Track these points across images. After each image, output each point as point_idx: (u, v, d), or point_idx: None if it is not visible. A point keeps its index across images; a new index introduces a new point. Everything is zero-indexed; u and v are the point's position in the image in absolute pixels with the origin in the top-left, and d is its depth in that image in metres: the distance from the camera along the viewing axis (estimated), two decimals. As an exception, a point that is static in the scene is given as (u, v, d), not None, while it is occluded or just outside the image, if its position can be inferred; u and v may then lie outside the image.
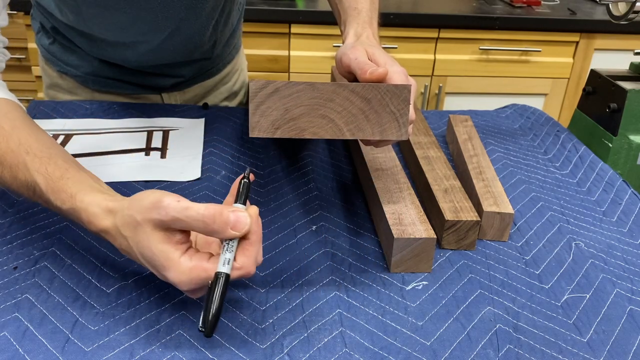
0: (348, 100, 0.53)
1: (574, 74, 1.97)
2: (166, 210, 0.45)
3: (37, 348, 0.49)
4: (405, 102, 0.54)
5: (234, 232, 0.45)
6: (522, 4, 1.95)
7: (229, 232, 0.45)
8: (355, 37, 0.70)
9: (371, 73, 0.58)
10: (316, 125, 0.54)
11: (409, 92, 0.55)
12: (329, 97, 0.53)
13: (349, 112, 0.54)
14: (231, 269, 0.46)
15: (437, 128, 0.99)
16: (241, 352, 0.50)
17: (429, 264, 0.61)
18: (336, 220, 0.70)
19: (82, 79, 0.98)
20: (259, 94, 0.52)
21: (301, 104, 0.53)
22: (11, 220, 0.67)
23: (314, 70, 1.90)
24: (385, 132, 0.55)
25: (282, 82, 0.53)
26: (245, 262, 0.47)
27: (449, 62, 1.91)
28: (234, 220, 0.45)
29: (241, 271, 0.46)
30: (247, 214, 0.46)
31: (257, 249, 0.47)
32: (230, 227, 0.45)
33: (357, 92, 0.53)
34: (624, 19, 0.88)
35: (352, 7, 0.74)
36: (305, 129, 0.54)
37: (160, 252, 0.46)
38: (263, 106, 0.53)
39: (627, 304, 0.58)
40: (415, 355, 0.51)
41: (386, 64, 0.61)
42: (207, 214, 0.45)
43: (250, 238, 0.47)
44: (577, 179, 0.83)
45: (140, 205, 0.47)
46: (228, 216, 0.45)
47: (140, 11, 0.83)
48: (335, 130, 0.54)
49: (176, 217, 0.45)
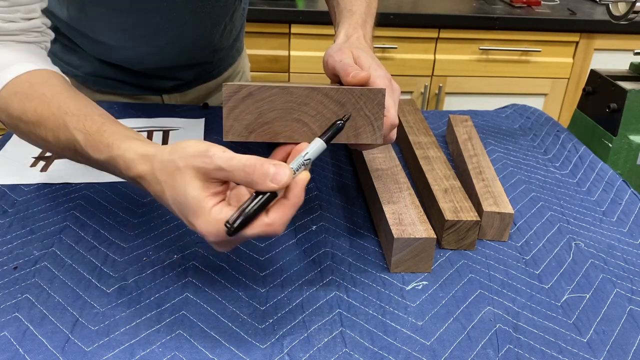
0: (322, 104, 0.53)
1: (574, 74, 1.97)
2: (212, 159, 0.45)
3: (37, 348, 0.49)
4: (380, 106, 0.54)
5: (272, 184, 0.45)
6: (522, 4, 1.95)
7: (267, 183, 0.45)
8: (345, 37, 0.69)
9: (353, 77, 0.58)
10: (290, 129, 0.54)
11: (383, 96, 0.54)
12: (302, 101, 0.53)
13: (323, 116, 0.54)
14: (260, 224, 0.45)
15: (437, 128, 0.99)
16: (241, 352, 0.50)
17: (429, 264, 0.61)
18: (336, 220, 0.70)
19: (83, 79, 0.98)
20: (232, 98, 0.52)
21: (275, 107, 0.53)
22: (11, 220, 0.67)
23: (314, 70, 1.90)
24: (360, 136, 0.55)
25: (255, 86, 0.52)
26: (277, 220, 0.46)
27: (449, 62, 1.91)
28: (274, 173, 0.45)
29: (270, 228, 0.46)
30: (289, 170, 0.46)
31: (292, 212, 0.47)
32: (270, 179, 0.45)
33: (331, 96, 0.53)
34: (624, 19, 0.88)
35: (347, 8, 0.74)
36: (279, 132, 0.53)
37: (193, 199, 0.46)
38: (237, 110, 0.52)
39: (627, 304, 0.58)
40: (415, 355, 0.51)
41: (370, 68, 0.60)
42: (248, 163, 0.45)
43: (290, 199, 0.46)
44: (577, 179, 0.83)
45: (184, 152, 0.47)
46: (268, 168, 0.45)
47: (144, 13, 0.83)
48: (310, 134, 0.54)
49: (220, 165, 0.45)
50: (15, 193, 0.72)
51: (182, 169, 0.46)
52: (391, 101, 0.58)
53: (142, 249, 0.63)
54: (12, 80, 0.59)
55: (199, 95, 1.07)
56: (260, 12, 1.78)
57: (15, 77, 0.59)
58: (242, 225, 0.45)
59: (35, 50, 0.65)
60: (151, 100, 1.03)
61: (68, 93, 0.59)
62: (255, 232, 0.46)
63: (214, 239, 0.46)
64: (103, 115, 0.57)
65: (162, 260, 0.61)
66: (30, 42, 0.65)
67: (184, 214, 0.47)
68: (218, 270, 0.60)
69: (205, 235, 0.46)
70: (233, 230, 0.44)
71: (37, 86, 0.59)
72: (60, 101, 0.58)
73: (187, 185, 0.46)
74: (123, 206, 0.70)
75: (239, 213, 0.45)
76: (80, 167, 0.78)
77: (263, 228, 0.46)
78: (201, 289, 0.57)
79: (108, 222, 0.67)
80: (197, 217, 0.46)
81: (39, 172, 0.77)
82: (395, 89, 0.61)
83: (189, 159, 0.46)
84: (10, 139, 0.85)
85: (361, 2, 0.75)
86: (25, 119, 0.59)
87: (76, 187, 0.74)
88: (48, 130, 0.57)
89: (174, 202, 0.48)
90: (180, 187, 0.46)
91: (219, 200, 0.47)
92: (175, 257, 0.62)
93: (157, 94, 1.03)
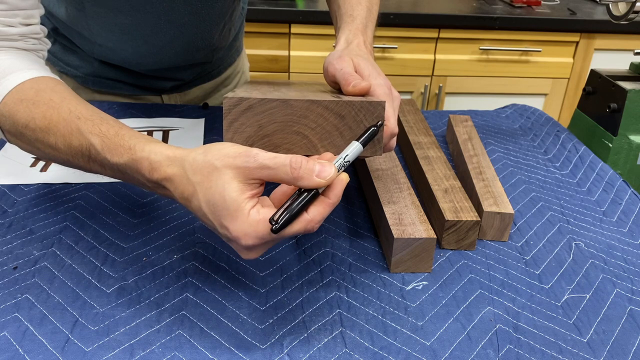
0: (322, 116, 0.53)
1: (574, 74, 1.97)
2: (255, 157, 0.45)
3: (37, 348, 0.49)
4: (379, 119, 0.54)
5: (319, 179, 0.45)
6: (522, 4, 1.95)
7: (314, 179, 0.45)
8: (345, 43, 0.69)
9: (354, 86, 0.58)
10: (290, 141, 0.54)
11: (383, 108, 0.54)
12: (302, 113, 0.53)
13: (323, 129, 0.54)
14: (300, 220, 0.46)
15: (437, 128, 0.99)
16: (241, 352, 0.50)
17: (429, 264, 0.61)
18: (336, 220, 0.70)
19: (82, 80, 0.98)
20: (232, 111, 0.52)
21: (275, 120, 0.53)
22: (11, 220, 0.67)
23: (314, 70, 1.89)
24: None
25: (255, 99, 0.52)
26: (316, 217, 0.46)
27: (449, 62, 1.91)
28: (319, 169, 0.45)
29: (310, 225, 0.46)
30: (334, 167, 0.46)
31: (329, 211, 0.47)
32: (316, 175, 0.45)
33: (331, 109, 0.53)
34: (624, 19, 0.88)
35: (347, 13, 0.74)
36: (279, 145, 0.54)
37: (232, 201, 0.45)
38: (237, 123, 0.53)
39: (627, 304, 0.58)
40: (415, 355, 0.51)
41: (370, 77, 0.60)
42: (294, 160, 0.45)
43: (330, 198, 0.47)
44: (577, 179, 0.83)
45: (221, 153, 0.46)
46: (314, 164, 0.45)
47: (144, 14, 0.83)
48: (310, 147, 0.54)
49: (264, 164, 0.45)
50: (15, 193, 0.72)
51: (220, 170, 0.46)
52: (391, 110, 0.58)
53: (142, 249, 0.63)
54: (16, 87, 0.58)
55: (199, 95, 1.07)
56: (260, 12, 1.77)
57: (19, 84, 0.58)
58: (287, 222, 0.45)
59: (34, 59, 0.64)
60: (151, 101, 1.03)
61: (77, 99, 0.58)
62: (296, 229, 0.46)
63: (252, 241, 0.46)
64: (117, 121, 0.56)
65: (162, 261, 0.61)
66: (28, 49, 0.64)
67: (217, 216, 0.46)
68: (218, 270, 0.60)
69: (241, 237, 0.46)
70: (279, 227, 0.44)
71: (43, 92, 0.58)
72: (71, 106, 0.56)
73: (225, 186, 0.45)
74: (123, 206, 0.70)
75: (284, 210, 0.45)
76: (80, 167, 0.78)
77: (304, 224, 0.46)
78: (201, 289, 0.57)
79: (108, 222, 0.67)
80: (235, 219, 0.45)
81: (39, 172, 0.77)
82: (395, 97, 0.61)
83: (227, 159, 0.46)
84: (10, 139, 0.85)
85: (362, 7, 0.75)
86: (33, 126, 0.57)
87: (76, 187, 0.74)
88: (58, 136, 0.56)
89: (207, 204, 0.46)
90: (216, 187, 0.45)
91: (256, 202, 0.46)
92: (175, 257, 0.62)
93: (156, 94, 1.03)
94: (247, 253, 0.48)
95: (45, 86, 0.59)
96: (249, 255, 0.48)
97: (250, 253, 0.48)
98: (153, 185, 0.51)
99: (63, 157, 0.57)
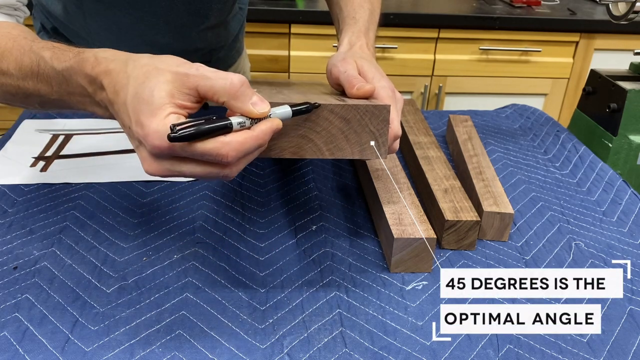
0: (327, 120, 0.53)
1: (574, 74, 1.97)
2: (198, 67, 0.45)
3: (37, 348, 0.49)
4: (385, 122, 0.54)
5: (252, 108, 0.45)
6: (522, 4, 1.95)
7: (247, 105, 0.45)
8: (348, 45, 0.70)
9: (358, 89, 0.58)
10: (296, 145, 0.54)
11: (388, 112, 0.54)
12: (308, 117, 0.53)
13: (329, 132, 0.54)
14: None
15: (437, 128, 0.99)
16: (241, 352, 0.50)
17: (429, 264, 0.61)
18: (336, 220, 0.70)
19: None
20: None
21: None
22: (11, 220, 0.67)
23: (314, 70, 1.89)
24: (365, 152, 0.55)
25: None
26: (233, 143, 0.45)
27: (449, 62, 1.91)
28: (257, 100, 0.46)
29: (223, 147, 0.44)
30: (268, 105, 0.46)
31: (249, 146, 0.46)
32: (251, 102, 0.45)
33: (336, 113, 0.53)
34: (624, 19, 0.88)
35: (350, 16, 0.74)
36: (285, 148, 0.54)
37: (159, 98, 0.44)
38: None
39: (627, 304, 0.58)
40: (415, 355, 0.51)
41: (374, 79, 0.60)
42: (237, 79, 0.45)
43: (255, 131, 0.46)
44: (577, 179, 0.83)
45: (168, 59, 0.47)
46: (253, 93, 0.45)
47: (142, 13, 0.83)
48: (315, 150, 0.54)
49: (206, 74, 0.45)
50: (15, 193, 0.72)
51: (160, 70, 0.46)
52: (395, 112, 0.58)
53: (142, 249, 0.63)
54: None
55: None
56: (260, 12, 1.77)
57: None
58: (190, 136, 0.43)
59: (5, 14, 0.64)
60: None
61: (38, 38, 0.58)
62: (209, 148, 0.44)
63: (159, 142, 0.44)
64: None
65: (162, 261, 0.61)
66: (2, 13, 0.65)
67: (137, 111, 0.45)
68: (218, 270, 0.60)
69: (150, 135, 0.44)
70: (178, 137, 0.42)
71: (2, 28, 0.59)
72: (28, 36, 0.57)
73: (160, 85, 0.45)
74: (123, 206, 0.70)
75: (191, 124, 0.43)
76: (80, 167, 0.78)
77: (219, 145, 0.44)
78: (201, 289, 0.57)
79: (108, 222, 0.67)
80: (153, 116, 0.44)
81: (39, 172, 0.77)
82: (399, 99, 0.61)
83: (172, 65, 0.46)
84: (11, 139, 0.85)
85: (364, 9, 0.75)
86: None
87: (76, 187, 0.74)
88: (11, 61, 0.55)
89: (133, 97, 0.45)
90: (149, 84, 0.45)
91: (182, 113, 0.46)
92: (175, 257, 0.62)
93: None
94: (150, 162, 0.46)
95: (6, 25, 0.60)
96: (152, 166, 0.46)
97: (153, 163, 0.46)
98: (92, 88, 0.50)
99: (13, 83, 0.56)
